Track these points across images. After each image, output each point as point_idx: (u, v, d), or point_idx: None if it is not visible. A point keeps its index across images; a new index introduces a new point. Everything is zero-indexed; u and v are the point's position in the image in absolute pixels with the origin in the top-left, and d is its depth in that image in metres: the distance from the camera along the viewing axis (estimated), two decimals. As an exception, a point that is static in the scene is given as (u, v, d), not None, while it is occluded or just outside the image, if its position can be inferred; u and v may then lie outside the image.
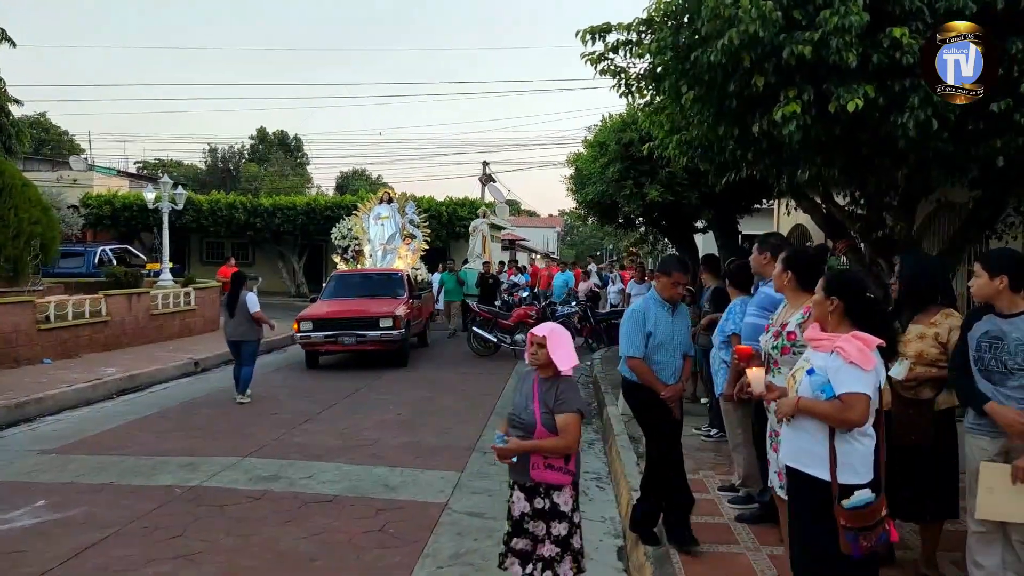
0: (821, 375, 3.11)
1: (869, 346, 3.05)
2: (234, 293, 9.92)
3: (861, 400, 2.98)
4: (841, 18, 3.96)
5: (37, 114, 47.26)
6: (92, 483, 6.27)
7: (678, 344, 4.65)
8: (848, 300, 3.22)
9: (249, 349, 9.93)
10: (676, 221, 13.67)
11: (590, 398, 10.76)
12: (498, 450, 3.61)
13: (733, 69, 4.43)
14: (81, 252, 22.10)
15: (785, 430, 3.30)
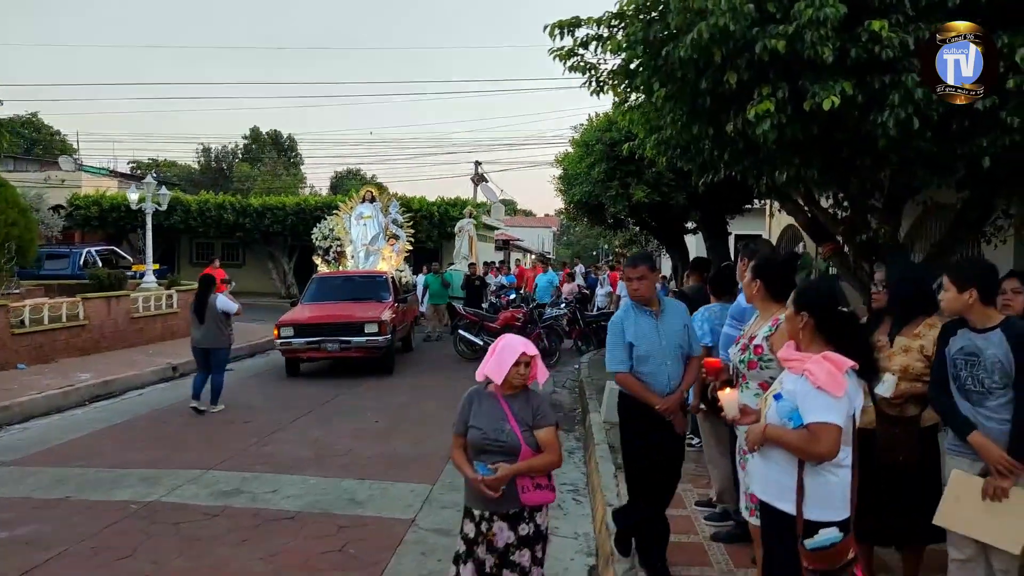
0: (789, 401, 2.84)
1: (840, 369, 2.77)
2: (202, 297, 9.38)
3: (830, 431, 2.71)
4: (816, 10, 3.72)
5: (29, 114, 46.98)
6: (47, 498, 6.02)
7: (669, 348, 4.23)
8: (819, 316, 2.96)
9: (219, 357, 9.41)
10: (665, 222, 13.43)
11: (574, 403, 10.53)
12: (490, 482, 3.24)
13: (705, 65, 4.20)
14: (67, 254, 21.87)
15: (755, 459, 3.05)
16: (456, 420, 3.48)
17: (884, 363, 3.76)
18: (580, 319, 15.55)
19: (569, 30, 4.75)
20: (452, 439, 3.50)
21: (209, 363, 9.32)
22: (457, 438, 3.47)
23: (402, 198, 27.35)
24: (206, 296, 9.35)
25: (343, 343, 11.82)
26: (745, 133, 4.39)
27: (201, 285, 9.60)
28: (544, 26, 4.72)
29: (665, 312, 4.30)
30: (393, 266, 16.67)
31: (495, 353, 3.42)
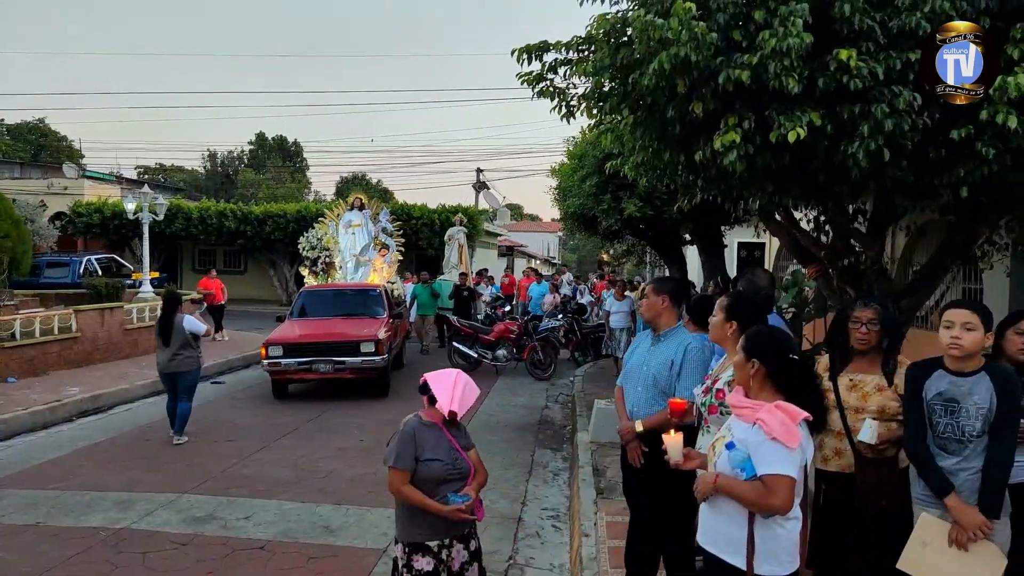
0: (741, 451, 2.74)
1: (794, 419, 2.68)
2: (167, 317, 8.61)
3: (785, 483, 2.61)
4: (779, 40, 3.60)
5: (36, 120, 47.25)
6: (17, 523, 5.95)
7: (643, 375, 4.14)
8: (770, 363, 2.85)
9: (187, 382, 8.68)
10: (660, 234, 13.29)
11: (565, 419, 10.40)
12: (468, 507, 3.38)
13: (670, 94, 4.08)
14: (67, 262, 21.86)
15: (703, 508, 2.93)
16: (398, 455, 3.36)
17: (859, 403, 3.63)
18: (577, 330, 15.42)
19: (537, 55, 4.64)
20: (395, 475, 3.35)
21: (179, 388, 8.66)
22: (405, 474, 3.35)
23: (403, 205, 27.37)
24: (171, 316, 8.62)
25: (337, 364, 10.97)
26: (715, 161, 4.27)
27: (165, 304, 8.84)
28: (512, 51, 4.61)
29: (664, 340, 4.18)
30: (385, 278, 15.80)
31: (458, 389, 3.44)
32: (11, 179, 28.71)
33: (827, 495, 3.75)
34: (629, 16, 4.21)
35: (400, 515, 3.48)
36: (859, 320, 3.65)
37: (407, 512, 3.42)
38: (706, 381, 3.75)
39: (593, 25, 4.56)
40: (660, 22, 3.73)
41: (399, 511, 3.49)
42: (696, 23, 3.67)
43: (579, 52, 4.67)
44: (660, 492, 3.90)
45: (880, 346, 3.65)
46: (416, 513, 3.37)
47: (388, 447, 3.47)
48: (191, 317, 8.82)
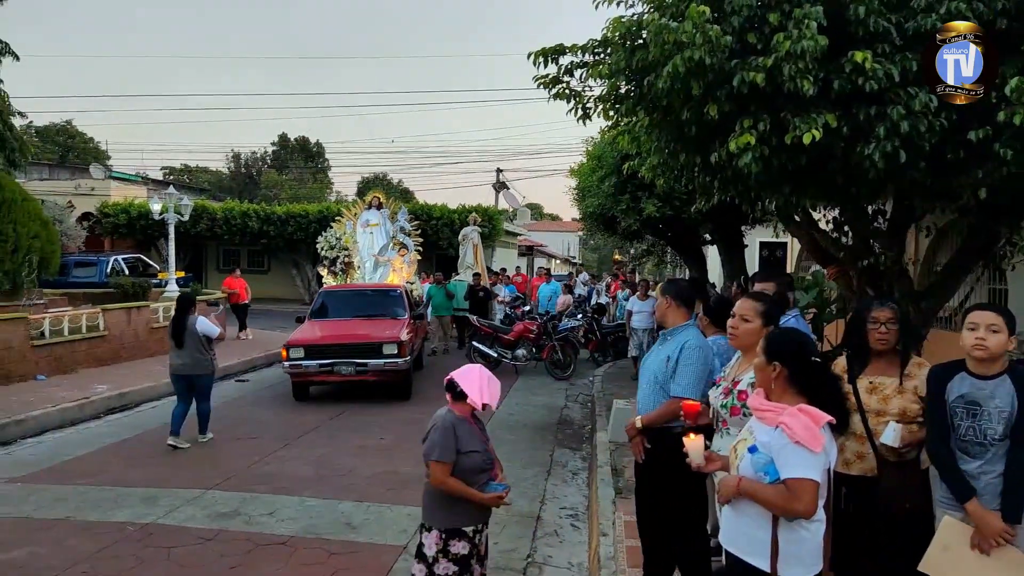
0: (764, 454, 2.76)
1: (818, 423, 2.69)
2: (180, 319, 8.47)
3: (809, 487, 2.62)
4: (794, 43, 3.61)
5: (64, 122, 48.10)
6: (47, 518, 6.10)
7: (647, 373, 4.22)
8: (792, 366, 2.87)
9: (203, 383, 8.59)
10: (680, 233, 13.26)
11: (585, 419, 10.43)
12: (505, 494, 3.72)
13: (685, 96, 4.10)
14: (95, 262, 22.26)
15: (726, 510, 2.95)
16: (442, 448, 3.57)
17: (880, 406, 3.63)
18: (597, 330, 15.42)
19: (553, 58, 4.69)
20: (439, 468, 3.56)
21: (191, 392, 8.53)
22: (448, 466, 3.56)
23: (423, 205, 27.51)
24: (184, 318, 8.48)
25: (359, 366, 10.74)
26: (731, 163, 4.29)
27: (178, 305, 8.74)
28: (528, 54, 4.66)
29: (667, 340, 4.23)
30: (404, 278, 15.60)
31: (485, 383, 3.67)
32: (40, 180, 29.23)
33: (849, 499, 3.73)
34: (644, 19, 4.23)
35: (434, 504, 3.69)
36: (877, 320, 3.64)
37: (443, 500, 3.64)
38: (720, 382, 3.77)
39: (609, 28, 4.59)
40: (674, 25, 3.77)
41: (433, 500, 3.70)
42: (710, 26, 3.70)
43: (595, 55, 4.71)
44: (664, 491, 3.94)
45: (897, 347, 3.65)
46: (453, 501, 3.60)
47: (427, 442, 3.66)
48: (204, 319, 8.67)
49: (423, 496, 3.83)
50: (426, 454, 3.66)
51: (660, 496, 4.15)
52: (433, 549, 3.65)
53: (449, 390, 3.76)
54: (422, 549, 3.71)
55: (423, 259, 18.25)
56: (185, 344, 8.40)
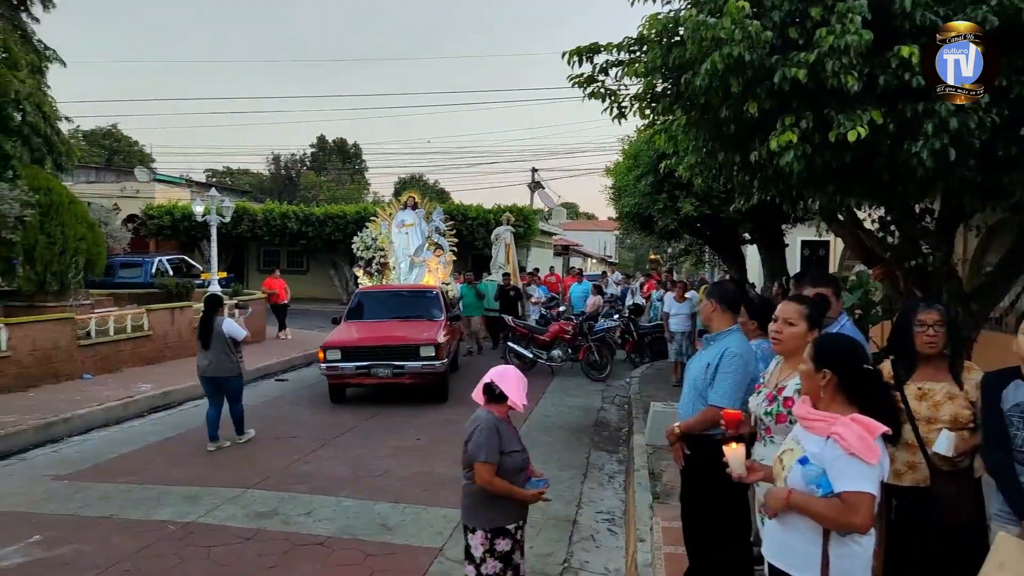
0: (816, 466, 2.65)
1: (872, 433, 2.57)
2: (207, 320, 8.44)
3: (865, 501, 2.52)
4: (837, 38, 3.50)
5: (110, 126, 49.32)
6: (92, 516, 6.23)
7: (689, 379, 4.17)
8: (843, 374, 2.76)
9: (231, 385, 8.52)
10: (719, 233, 13.06)
11: (621, 422, 10.33)
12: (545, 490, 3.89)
13: (724, 94, 4.01)
14: (140, 263, 22.79)
15: (772, 523, 2.86)
16: (488, 449, 3.70)
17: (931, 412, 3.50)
18: (634, 331, 15.27)
19: (587, 56, 4.63)
20: (486, 468, 3.68)
21: (220, 393, 8.53)
22: (494, 466, 3.70)
23: (459, 206, 27.60)
24: (211, 319, 8.45)
25: (396, 368, 10.64)
26: (772, 161, 4.19)
27: (206, 307, 8.67)
28: (562, 53, 4.61)
29: (710, 345, 4.16)
30: (440, 279, 15.44)
31: (521, 384, 3.83)
32: (87, 183, 30.03)
33: (900, 511, 3.61)
34: (681, 16, 4.15)
35: (479, 505, 3.80)
36: (924, 323, 3.51)
37: (488, 501, 3.76)
38: (760, 389, 3.66)
39: (645, 25, 4.51)
40: (712, 21, 3.68)
41: (477, 501, 3.80)
42: (750, 21, 3.60)
43: (630, 53, 4.63)
44: (703, 499, 3.86)
45: (945, 351, 3.51)
46: (497, 500, 3.74)
47: (472, 444, 3.76)
48: (231, 321, 8.64)
49: (464, 498, 3.91)
50: (472, 455, 3.75)
51: (700, 503, 4.09)
52: (480, 550, 3.77)
53: (487, 392, 3.84)
54: (470, 551, 3.82)
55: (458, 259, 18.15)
56: (212, 345, 8.38)
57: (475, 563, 3.78)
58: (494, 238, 19.89)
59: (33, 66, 14.32)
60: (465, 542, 3.89)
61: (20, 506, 6.47)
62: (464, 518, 3.91)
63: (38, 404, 9.88)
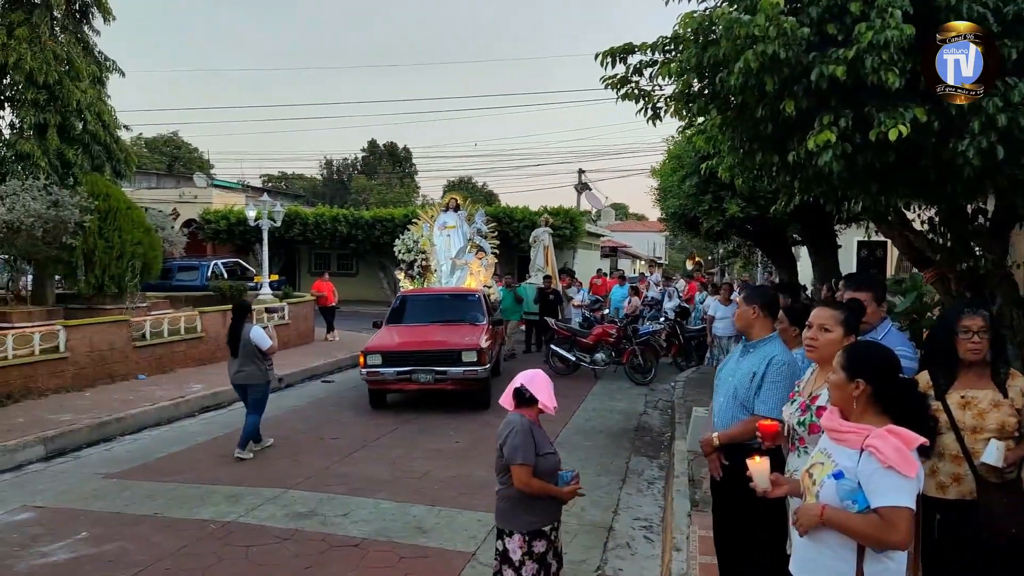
0: (850, 480, 2.54)
1: (909, 445, 2.45)
2: (235, 327, 8.34)
3: (904, 516, 2.40)
4: (877, 33, 3.35)
5: (171, 133, 50.93)
6: (137, 513, 6.40)
7: (727, 387, 4.05)
8: (876, 384, 2.63)
9: (256, 394, 8.33)
10: (767, 233, 12.75)
11: (664, 427, 10.16)
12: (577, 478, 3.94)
13: (759, 93, 3.89)
14: (196, 266, 23.44)
15: (800, 540, 2.74)
16: (524, 451, 3.76)
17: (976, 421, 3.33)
18: (680, 334, 15.03)
19: (621, 57, 4.55)
20: (524, 470, 3.75)
21: (248, 401, 8.38)
22: (531, 468, 3.77)
23: (505, 208, 27.64)
24: (240, 326, 8.32)
25: (437, 374, 10.39)
26: (811, 161, 4.04)
27: (235, 314, 8.53)
28: (595, 54, 4.54)
29: (752, 351, 4.05)
30: (482, 282, 15.03)
31: (547, 387, 3.92)
32: (148, 189, 31.09)
33: (944, 526, 3.44)
34: (715, 13, 4.05)
35: (516, 508, 3.84)
36: (969, 329, 3.34)
37: (525, 503, 3.81)
38: (795, 398, 3.53)
39: (680, 24, 4.41)
40: (746, 18, 3.58)
41: (514, 505, 3.84)
42: (785, 18, 3.49)
43: (665, 53, 4.53)
44: (738, 508, 3.74)
45: (987, 357, 3.34)
46: (534, 503, 3.81)
47: (508, 447, 3.81)
48: (258, 329, 8.41)
49: (499, 503, 3.94)
50: (509, 458, 3.79)
51: (734, 513, 3.98)
52: (519, 553, 3.81)
53: (518, 396, 3.91)
54: (508, 555, 3.85)
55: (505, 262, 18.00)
56: (239, 353, 8.26)
57: (514, 567, 3.81)
58: (532, 240, 19.64)
59: (94, 77, 14.86)
60: (501, 546, 3.90)
61: (71, 503, 6.68)
62: (500, 522, 3.94)
63: (93, 404, 10.22)
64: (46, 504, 6.65)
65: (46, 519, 6.26)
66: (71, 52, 14.34)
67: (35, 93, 13.78)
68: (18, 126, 14.27)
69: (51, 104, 14.01)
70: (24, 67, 13.47)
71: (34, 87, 13.71)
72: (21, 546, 5.65)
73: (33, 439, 8.35)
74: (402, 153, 57.32)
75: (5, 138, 14.38)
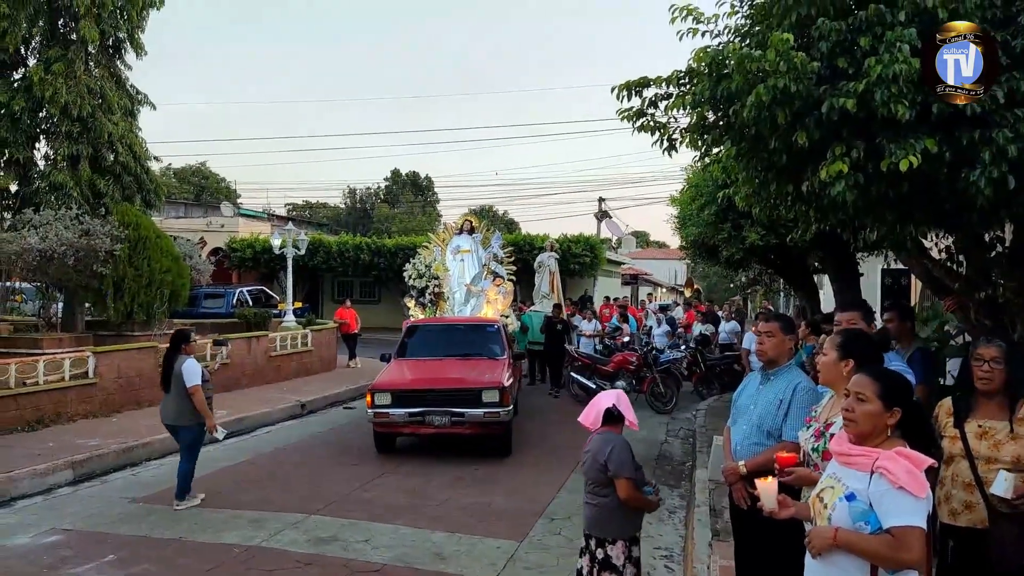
0: (862, 502, 2.59)
1: (919, 466, 2.52)
2: (169, 358, 7.41)
3: (918, 535, 2.46)
4: (885, 67, 3.44)
5: (199, 163, 51.99)
6: (163, 537, 6.50)
7: (750, 414, 4.08)
8: (905, 410, 2.70)
9: (186, 437, 7.33)
10: (789, 262, 12.72)
11: (685, 456, 10.12)
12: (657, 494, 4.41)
13: (772, 125, 3.97)
14: (222, 294, 23.78)
15: (813, 563, 2.77)
16: (631, 465, 4.20)
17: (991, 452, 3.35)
18: (702, 362, 14.99)
19: (636, 90, 4.66)
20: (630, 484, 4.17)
21: (179, 444, 7.53)
22: (634, 481, 4.19)
23: (526, 236, 27.82)
24: (173, 358, 7.38)
25: (454, 416, 9.20)
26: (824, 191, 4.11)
27: (171, 343, 7.58)
28: (611, 88, 4.66)
29: (773, 379, 4.08)
30: (499, 311, 13.79)
31: (628, 406, 4.36)
32: (176, 218, 31.76)
33: (957, 553, 3.46)
34: (728, 48, 4.16)
35: (617, 517, 4.23)
36: (981, 358, 3.38)
37: (626, 512, 4.23)
38: (810, 423, 3.56)
39: (694, 58, 4.53)
40: (757, 53, 3.68)
41: (616, 514, 4.22)
42: (795, 53, 3.58)
43: (679, 86, 4.64)
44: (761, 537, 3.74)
45: (1007, 389, 3.35)
46: (632, 511, 4.26)
47: (614, 462, 4.16)
48: (192, 363, 7.35)
49: (597, 513, 4.29)
50: (615, 472, 4.16)
51: (756, 543, 3.98)
52: (621, 558, 4.17)
53: (607, 415, 4.32)
54: (610, 561, 4.18)
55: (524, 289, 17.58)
56: (171, 388, 7.36)
57: (617, 571, 4.15)
58: (537, 265, 18.26)
59: (126, 110, 15.31)
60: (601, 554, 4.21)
61: (98, 526, 6.81)
62: (599, 531, 4.26)
63: (121, 429, 10.40)
64: (75, 527, 6.78)
65: (75, 542, 6.38)
66: (104, 86, 14.82)
67: (69, 125, 14.23)
68: (52, 157, 14.72)
69: (84, 136, 14.45)
70: (59, 100, 13.93)
71: (68, 120, 14.16)
72: (51, 568, 5.77)
73: (63, 463, 8.52)
74: (424, 182, 57.99)
75: (40, 169, 14.82)
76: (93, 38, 14.28)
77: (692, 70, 4.54)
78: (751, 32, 4.12)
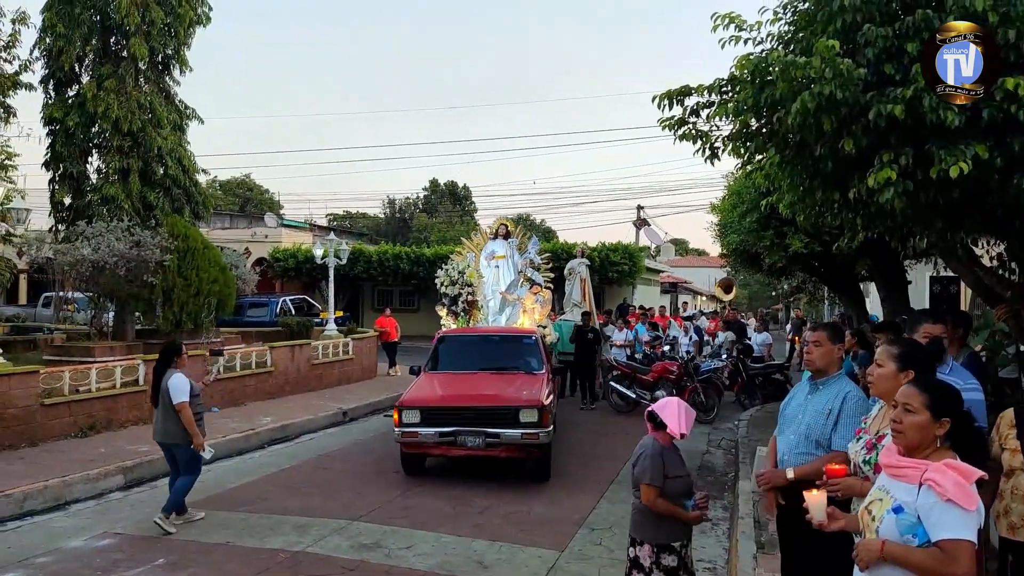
0: (910, 514, 2.55)
1: (968, 479, 2.47)
2: (158, 372, 7.06)
3: (967, 548, 2.41)
4: (934, 72, 3.39)
5: (244, 176, 53.10)
6: (209, 542, 6.63)
7: (798, 423, 4.03)
8: (956, 421, 2.66)
9: (183, 457, 7.01)
10: (833, 268, 12.51)
11: (727, 466, 9.99)
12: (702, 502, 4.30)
13: (817, 132, 3.94)
14: (266, 303, 24.23)
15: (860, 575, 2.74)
16: (652, 472, 4.15)
17: None
18: (743, 371, 14.80)
19: (678, 99, 4.66)
20: (651, 491, 4.13)
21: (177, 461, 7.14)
22: (657, 489, 4.14)
23: (563, 244, 27.78)
24: (162, 372, 7.04)
25: (489, 437, 8.43)
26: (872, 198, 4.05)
27: (160, 357, 7.19)
28: (652, 97, 4.66)
29: (822, 388, 4.03)
30: (536, 321, 12.78)
31: (682, 413, 4.22)
32: (222, 229, 32.44)
33: (1016, 568, 3.37)
34: (771, 56, 4.13)
35: (645, 520, 4.24)
36: None
37: (653, 517, 4.19)
38: (861, 435, 3.51)
39: (736, 66, 4.51)
40: (802, 60, 3.65)
41: (644, 517, 4.24)
42: (840, 60, 3.55)
43: (721, 94, 4.63)
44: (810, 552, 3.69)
45: None
46: (662, 519, 4.17)
47: (638, 467, 4.22)
48: (180, 378, 6.97)
49: (632, 513, 4.39)
50: (638, 477, 4.20)
51: (803, 555, 3.93)
52: (648, 561, 4.19)
53: (650, 420, 4.30)
54: (639, 560, 4.25)
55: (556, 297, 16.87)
56: (160, 404, 7.05)
57: (645, 572, 4.19)
58: (567, 272, 17.23)
59: (175, 124, 15.71)
60: (632, 553, 4.32)
61: (149, 531, 6.96)
62: (632, 531, 4.36)
63: (170, 435, 10.63)
64: (125, 531, 6.96)
65: (126, 545, 6.55)
66: (153, 101, 15.24)
67: (120, 140, 14.66)
68: (104, 171, 15.17)
69: (135, 150, 14.88)
70: (111, 116, 14.37)
71: (119, 134, 14.59)
72: (104, 570, 5.94)
73: (114, 469, 8.76)
74: (462, 191, 58.33)
75: (92, 183, 15.29)
76: (143, 55, 14.71)
77: (734, 77, 4.52)
78: (795, 39, 4.09)
